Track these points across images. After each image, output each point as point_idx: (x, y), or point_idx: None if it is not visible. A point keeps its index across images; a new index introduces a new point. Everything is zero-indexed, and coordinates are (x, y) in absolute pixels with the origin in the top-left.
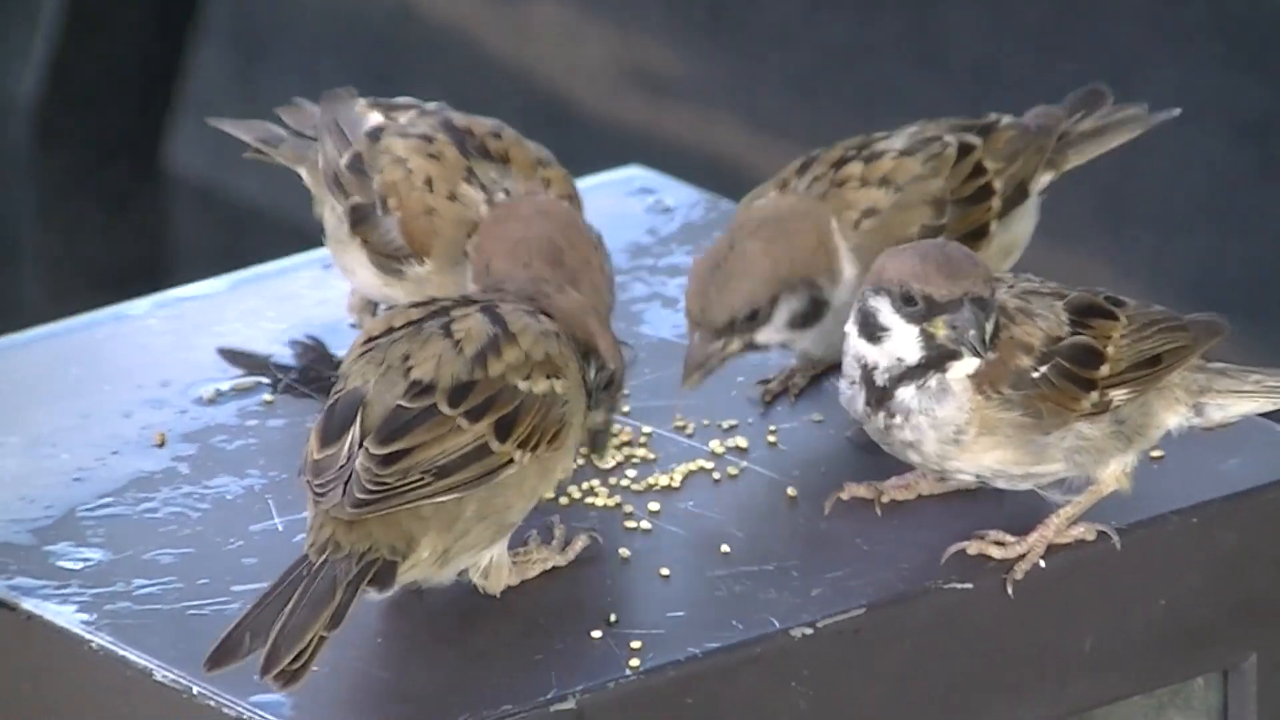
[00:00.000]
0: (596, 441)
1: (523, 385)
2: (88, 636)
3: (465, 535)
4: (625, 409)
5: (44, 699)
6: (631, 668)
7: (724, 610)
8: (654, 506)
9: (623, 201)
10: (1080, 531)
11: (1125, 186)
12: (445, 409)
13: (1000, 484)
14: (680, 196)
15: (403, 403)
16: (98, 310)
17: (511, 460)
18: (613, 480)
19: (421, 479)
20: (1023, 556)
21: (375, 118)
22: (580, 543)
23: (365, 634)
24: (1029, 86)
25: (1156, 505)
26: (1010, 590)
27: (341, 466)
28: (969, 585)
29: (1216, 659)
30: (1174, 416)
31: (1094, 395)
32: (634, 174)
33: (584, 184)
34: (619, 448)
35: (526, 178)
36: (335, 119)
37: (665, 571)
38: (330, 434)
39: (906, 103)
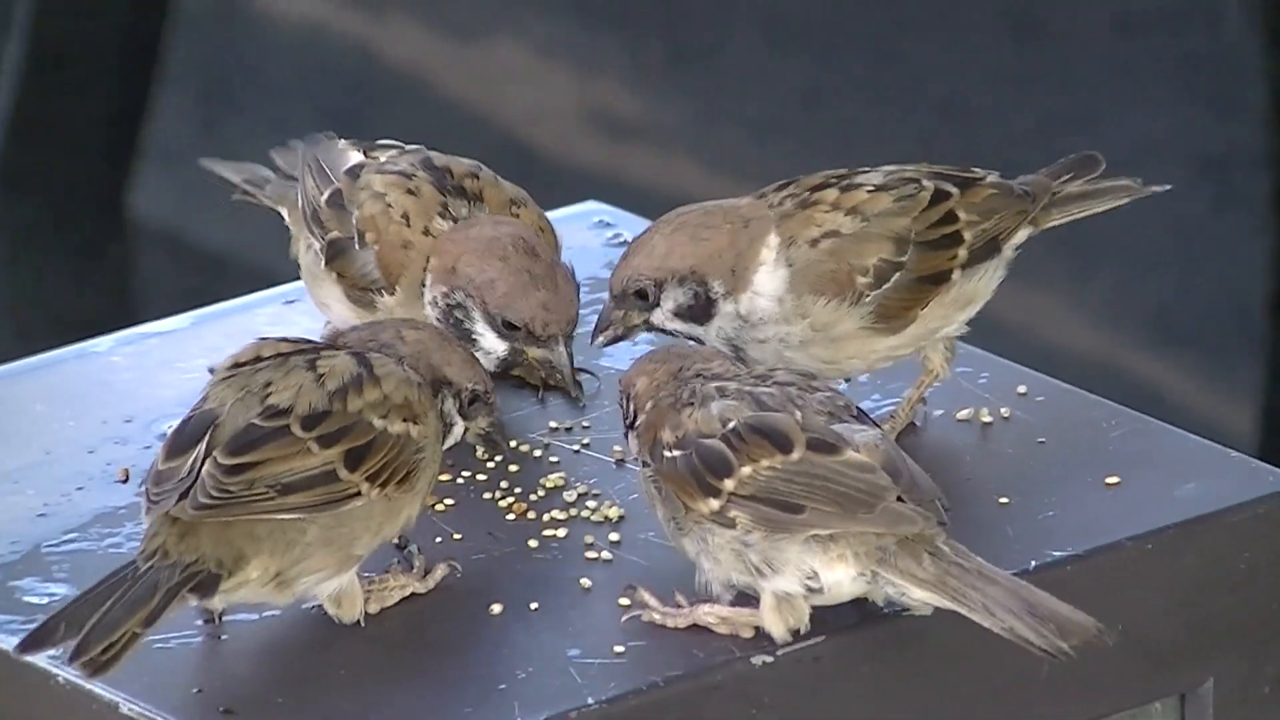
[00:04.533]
0: (490, 443)
1: (379, 423)
2: (54, 671)
3: (304, 560)
4: (585, 441)
5: None
6: (593, 697)
7: (685, 639)
8: (614, 537)
9: (582, 235)
10: (730, 630)
11: (1084, 227)
12: (298, 431)
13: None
14: (638, 230)
15: (256, 421)
16: (62, 348)
17: (359, 492)
18: (573, 511)
19: (266, 492)
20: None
21: (355, 156)
22: (440, 571)
23: (328, 665)
24: (990, 126)
25: (1112, 531)
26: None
27: (182, 479)
28: (927, 613)
29: (1173, 683)
30: (835, 573)
31: (713, 502)
32: (592, 208)
33: None
34: (577, 483)
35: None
36: (316, 157)
37: (625, 601)
38: (177, 448)
39: (867, 144)
